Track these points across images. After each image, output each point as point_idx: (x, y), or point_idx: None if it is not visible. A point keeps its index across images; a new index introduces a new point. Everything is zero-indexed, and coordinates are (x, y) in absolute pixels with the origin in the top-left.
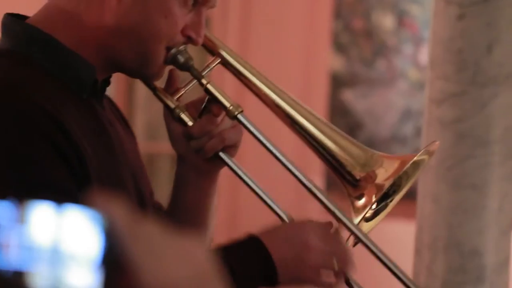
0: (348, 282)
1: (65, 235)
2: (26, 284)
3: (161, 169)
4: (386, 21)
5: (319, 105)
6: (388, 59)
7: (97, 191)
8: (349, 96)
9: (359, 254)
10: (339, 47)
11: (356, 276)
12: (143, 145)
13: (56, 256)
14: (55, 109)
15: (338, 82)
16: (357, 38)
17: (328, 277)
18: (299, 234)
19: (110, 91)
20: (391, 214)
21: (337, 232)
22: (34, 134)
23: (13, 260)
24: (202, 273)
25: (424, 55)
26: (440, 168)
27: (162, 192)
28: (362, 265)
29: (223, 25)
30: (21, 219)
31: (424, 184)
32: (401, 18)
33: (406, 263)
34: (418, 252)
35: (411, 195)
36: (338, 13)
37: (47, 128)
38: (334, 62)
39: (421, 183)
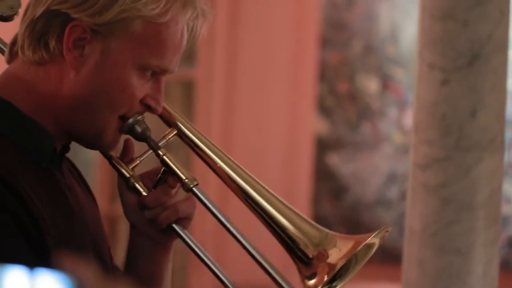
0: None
1: None
2: None
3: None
4: (370, 85)
5: (304, 168)
6: (372, 123)
7: (65, 255)
8: (334, 159)
9: None
10: (324, 110)
11: None
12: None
13: None
14: (11, 177)
15: (323, 146)
16: (342, 101)
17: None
18: None
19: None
20: (376, 277)
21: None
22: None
23: None
24: None
25: (408, 119)
26: (425, 233)
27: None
28: None
29: (208, 87)
30: None
31: (409, 250)
32: (386, 82)
33: None
34: None
35: (396, 258)
36: (322, 77)
37: (3, 197)
38: (319, 126)
39: (406, 248)
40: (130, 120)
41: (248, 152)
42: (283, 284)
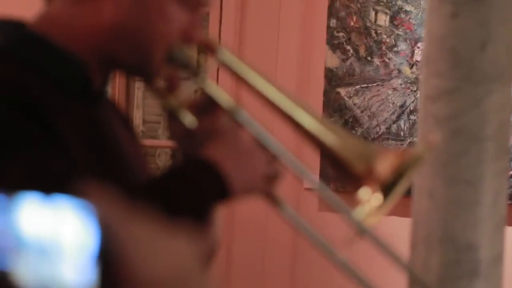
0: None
1: (58, 228)
2: (17, 281)
3: (158, 166)
4: (381, 19)
5: (316, 103)
6: (383, 57)
7: (89, 183)
8: (345, 93)
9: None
10: (334, 45)
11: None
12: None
13: (48, 250)
14: (47, 108)
15: (334, 80)
16: (353, 35)
17: (271, 184)
18: (240, 143)
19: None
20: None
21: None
22: (28, 125)
23: (3, 257)
24: (191, 268)
25: (418, 53)
26: (436, 163)
27: None
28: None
29: (218, 23)
30: (11, 213)
31: (420, 180)
32: (396, 16)
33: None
34: (413, 246)
35: (405, 191)
36: (333, 12)
37: (34, 121)
38: (330, 60)
39: (417, 178)
40: (172, 50)
41: None
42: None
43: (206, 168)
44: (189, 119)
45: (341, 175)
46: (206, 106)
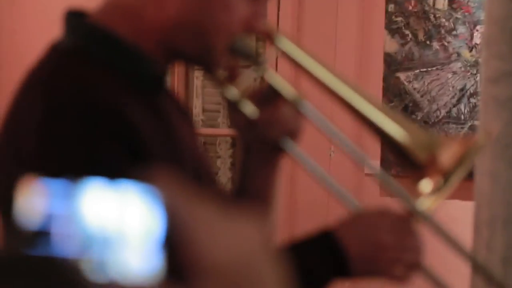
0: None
1: (124, 214)
2: (83, 269)
3: (218, 155)
4: (440, 3)
5: (375, 88)
6: (442, 41)
7: (154, 168)
8: (404, 78)
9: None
10: (393, 30)
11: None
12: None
13: (112, 237)
14: (122, 105)
15: (393, 65)
16: (411, 20)
17: (401, 271)
18: (372, 231)
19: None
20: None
21: (409, 224)
22: (100, 130)
23: (70, 243)
24: (254, 252)
25: (478, 36)
26: (497, 146)
27: (221, 178)
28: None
29: (276, 10)
30: (76, 199)
31: (482, 163)
32: (454, 0)
33: (465, 241)
34: (477, 229)
35: (467, 175)
36: None
37: (113, 124)
38: (389, 45)
39: (478, 161)
40: (234, 40)
41: None
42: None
43: (333, 255)
44: (250, 109)
45: (402, 163)
46: (268, 96)
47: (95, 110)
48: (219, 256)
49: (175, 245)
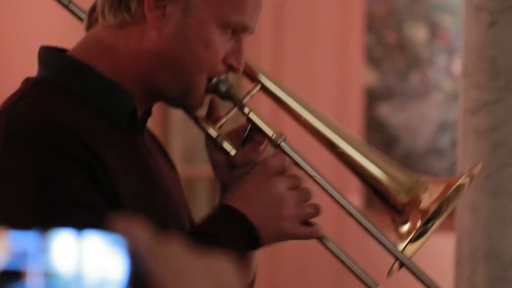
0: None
1: (89, 261)
2: None
3: (198, 193)
4: (418, 33)
5: (355, 120)
6: (422, 71)
7: (118, 215)
8: (384, 110)
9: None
10: (372, 61)
11: None
12: (180, 169)
13: (81, 282)
14: (86, 134)
15: (372, 96)
16: (390, 51)
17: (307, 227)
18: (270, 189)
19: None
20: None
21: (301, 180)
22: (63, 158)
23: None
24: None
25: (457, 65)
26: (478, 177)
27: (201, 215)
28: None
29: (256, 43)
30: (44, 248)
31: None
32: (434, 29)
33: (446, 275)
34: (458, 263)
35: None
36: (370, 27)
37: (77, 152)
38: (368, 76)
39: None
40: (214, 79)
41: None
42: (383, 240)
43: (236, 221)
44: (229, 147)
45: (383, 205)
46: (247, 134)
47: (53, 133)
48: None
49: None
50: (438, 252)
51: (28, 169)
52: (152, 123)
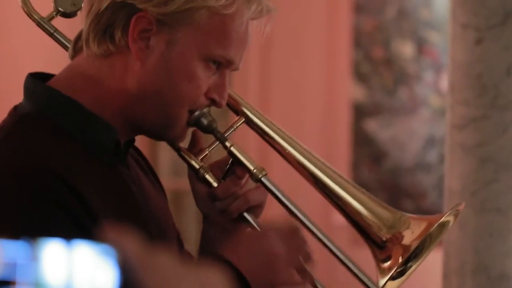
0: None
1: (79, 271)
2: None
3: (186, 205)
4: (406, 49)
5: (342, 135)
6: (409, 87)
7: (108, 227)
8: (372, 125)
9: None
10: (360, 76)
11: None
12: (168, 182)
13: None
14: (68, 172)
15: (360, 112)
16: (378, 67)
17: (299, 277)
18: (263, 244)
19: None
20: None
21: (297, 232)
22: (45, 201)
23: None
24: None
25: (445, 82)
26: (465, 193)
27: (188, 228)
28: None
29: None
30: (34, 258)
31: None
32: (421, 46)
33: None
34: (446, 278)
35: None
36: (357, 43)
37: (58, 195)
38: (356, 92)
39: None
40: (196, 113)
41: (286, 121)
42: (361, 276)
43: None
44: (211, 180)
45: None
46: (229, 168)
47: (37, 178)
48: None
49: None
50: (426, 266)
51: (13, 214)
52: (140, 136)
